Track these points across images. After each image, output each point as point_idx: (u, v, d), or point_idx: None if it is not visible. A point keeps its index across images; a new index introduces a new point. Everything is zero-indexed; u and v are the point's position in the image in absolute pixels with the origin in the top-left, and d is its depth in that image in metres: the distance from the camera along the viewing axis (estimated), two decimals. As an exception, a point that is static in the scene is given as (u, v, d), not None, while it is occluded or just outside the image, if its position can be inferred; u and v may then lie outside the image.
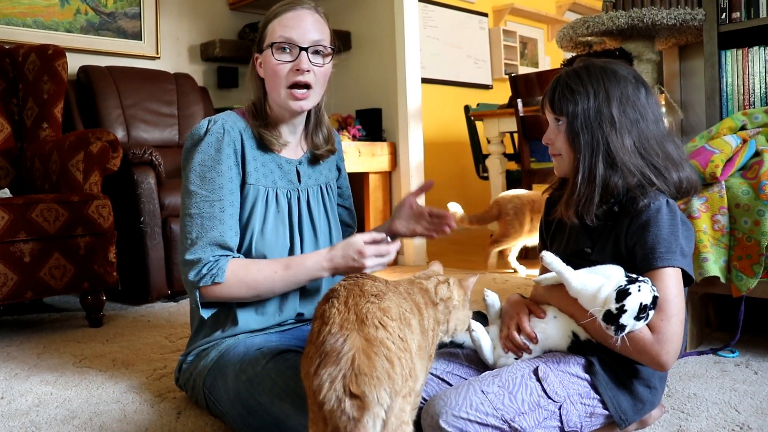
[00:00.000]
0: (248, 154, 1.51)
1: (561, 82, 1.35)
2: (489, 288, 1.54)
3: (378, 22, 3.93)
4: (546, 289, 1.35)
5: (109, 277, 2.49)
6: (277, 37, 1.48)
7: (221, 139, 1.47)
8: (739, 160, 1.82)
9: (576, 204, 1.31)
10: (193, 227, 1.44)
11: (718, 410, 1.48)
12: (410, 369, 0.95)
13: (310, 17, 1.51)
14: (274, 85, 1.50)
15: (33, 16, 3.43)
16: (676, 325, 1.22)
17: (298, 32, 1.48)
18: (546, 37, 7.44)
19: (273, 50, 1.48)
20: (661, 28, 2.76)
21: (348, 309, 0.97)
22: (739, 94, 2.45)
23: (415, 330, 1.04)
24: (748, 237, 1.73)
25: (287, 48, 1.48)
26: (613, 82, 1.32)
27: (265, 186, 1.53)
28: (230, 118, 1.53)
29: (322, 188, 1.66)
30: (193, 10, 4.08)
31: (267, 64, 1.51)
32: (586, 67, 1.35)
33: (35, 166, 2.79)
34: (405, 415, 0.93)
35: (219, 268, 1.42)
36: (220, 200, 1.45)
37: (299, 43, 1.47)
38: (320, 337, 0.95)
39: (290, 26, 1.48)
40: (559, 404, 1.22)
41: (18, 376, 1.92)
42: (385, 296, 1.03)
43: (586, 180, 1.30)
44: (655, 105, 1.36)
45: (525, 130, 3.73)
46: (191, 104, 3.65)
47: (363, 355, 0.90)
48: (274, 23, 1.50)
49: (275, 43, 1.48)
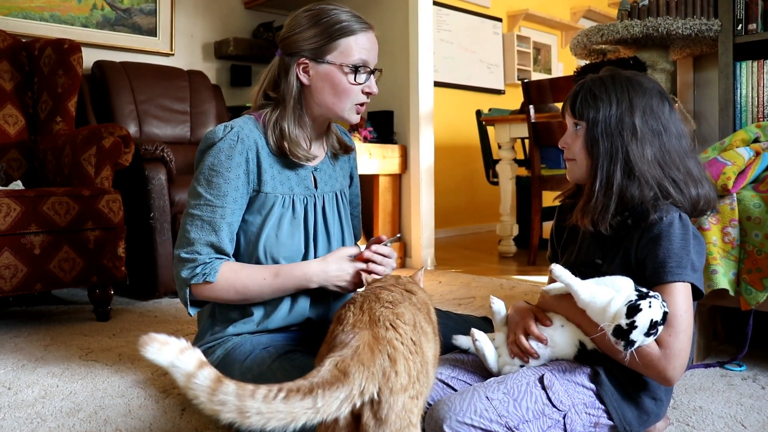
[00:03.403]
0: (264, 162, 1.51)
1: (585, 88, 1.35)
2: (495, 295, 1.54)
3: (392, 25, 3.94)
4: (554, 299, 1.35)
5: (118, 271, 2.50)
6: (356, 59, 1.48)
7: (234, 146, 1.47)
8: (752, 172, 1.81)
9: (592, 212, 1.31)
10: (192, 227, 1.46)
11: (724, 424, 1.47)
12: (419, 372, 0.96)
13: (376, 40, 1.55)
14: (339, 101, 1.51)
15: (50, 11, 3.46)
16: (684, 341, 1.21)
17: (372, 56, 1.52)
18: (560, 44, 7.42)
19: (347, 68, 1.49)
20: (676, 38, 2.74)
21: (362, 312, 1.01)
22: (753, 106, 2.43)
23: (430, 339, 1.07)
24: (758, 250, 1.72)
25: (361, 70, 1.50)
26: (638, 93, 1.32)
27: (282, 193, 1.53)
28: (246, 125, 1.51)
29: (337, 195, 1.66)
30: (207, 8, 4.10)
31: (334, 79, 1.49)
32: (612, 76, 1.35)
33: (48, 159, 2.81)
34: (413, 417, 0.94)
35: (212, 268, 1.44)
36: (222, 207, 1.45)
37: (372, 67, 1.53)
38: (333, 335, 0.99)
39: (368, 49, 1.51)
40: (564, 413, 1.22)
41: (25, 367, 1.93)
42: (401, 304, 1.06)
43: (603, 188, 1.30)
44: (678, 121, 1.35)
45: (536, 136, 3.72)
46: (204, 102, 3.66)
47: (367, 348, 0.92)
48: (351, 41, 1.48)
49: (356, 66, 1.49)
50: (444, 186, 5.29)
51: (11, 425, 1.50)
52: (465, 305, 2.77)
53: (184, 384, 0.81)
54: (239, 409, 0.80)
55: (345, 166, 1.72)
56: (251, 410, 0.80)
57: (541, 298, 1.40)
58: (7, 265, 2.23)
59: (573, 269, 1.27)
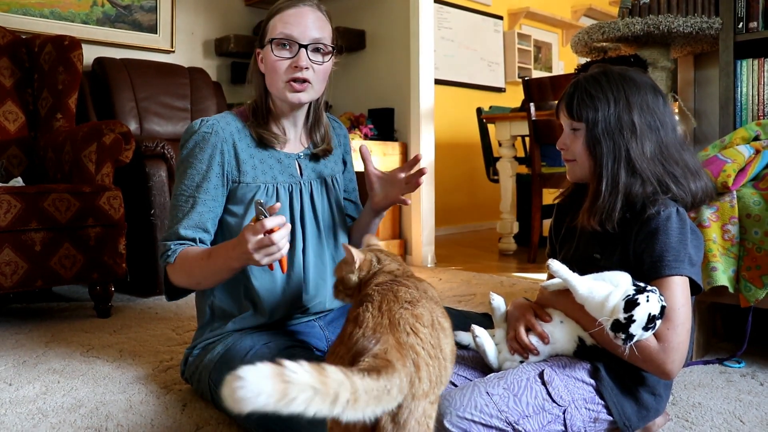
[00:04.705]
0: (243, 153, 1.54)
1: (580, 88, 1.34)
2: (496, 292, 1.54)
3: (393, 22, 3.94)
4: (553, 295, 1.35)
5: (118, 268, 2.51)
6: (277, 33, 1.49)
7: (207, 138, 1.51)
8: (752, 170, 1.81)
9: (600, 212, 1.30)
10: (170, 216, 1.54)
11: (723, 420, 1.48)
12: (438, 376, 0.96)
13: (311, 14, 1.51)
14: (273, 80, 1.52)
15: (50, 7, 3.46)
16: (682, 335, 1.22)
17: (299, 29, 1.49)
18: (560, 42, 7.42)
19: (273, 46, 1.50)
20: (676, 35, 2.74)
21: (382, 314, 0.99)
22: (753, 104, 2.44)
23: (448, 334, 1.06)
24: (758, 248, 1.72)
25: (287, 44, 1.49)
26: (633, 89, 1.32)
27: (264, 182, 1.55)
28: (224, 118, 1.56)
29: (327, 181, 1.66)
30: (208, 5, 4.10)
31: (267, 59, 1.52)
32: (604, 73, 1.35)
33: (48, 156, 2.81)
34: (430, 421, 0.93)
35: (174, 251, 1.50)
36: (193, 197, 1.51)
37: (299, 41, 1.49)
38: (353, 339, 0.96)
39: (291, 23, 1.49)
40: (564, 408, 1.22)
41: (26, 363, 1.94)
42: (419, 303, 1.04)
43: (609, 187, 1.30)
44: (671, 114, 1.36)
45: (537, 134, 3.72)
46: (204, 99, 3.66)
47: (394, 351, 0.90)
48: (276, 19, 1.51)
49: (275, 39, 1.49)
50: (444, 184, 5.29)
51: (12, 421, 1.50)
52: (465, 302, 2.77)
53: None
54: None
55: (336, 151, 1.73)
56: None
57: (539, 294, 1.40)
58: (8, 261, 2.24)
59: (571, 265, 1.27)
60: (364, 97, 4.12)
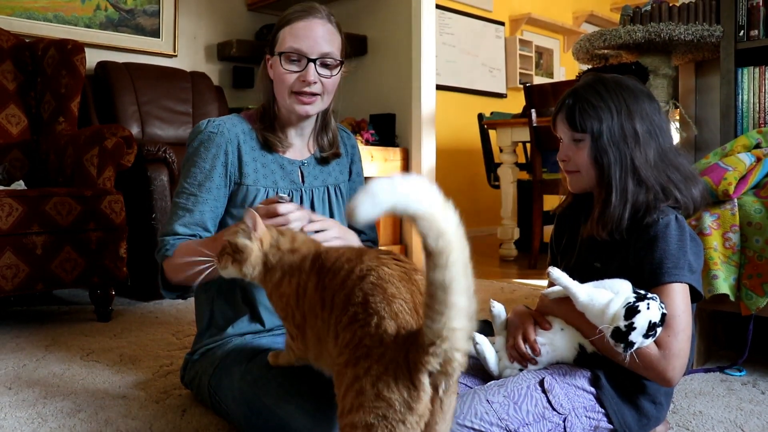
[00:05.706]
0: (246, 155, 1.54)
1: (580, 99, 1.33)
2: (496, 298, 1.54)
3: (395, 28, 3.94)
4: (553, 302, 1.35)
5: (119, 272, 2.51)
6: (286, 47, 1.49)
7: (212, 138, 1.52)
8: (753, 178, 1.82)
9: (611, 222, 1.30)
10: (171, 214, 1.55)
11: (724, 429, 1.47)
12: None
13: (321, 28, 1.51)
14: (281, 91, 1.53)
15: (54, 11, 3.47)
16: (682, 342, 1.22)
17: (308, 43, 1.49)
18: (562, 48, 7.43)
19: (282, 59, 1.50)
20: (678, 43, 2.74)
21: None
22: (754, 111, 2.44)
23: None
24: (759, 256, 1.72)
25: (296, 58, 1.50)
26: (631, 97, 1.32)
27: (264, 186, 1.55)
28: (231, 120, 1.57)
29: (330, 189, 1.66)
30: (211, 10, 4.11)
31: (276, 70, 1.53)
32: (601, 82, 1.34)
33: (50, 160, 2.81)
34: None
35: (172, 245, 1.50)
36: (195, 195, 1.52)
37: (308, 55, 1.49)
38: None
39: (300, 36, 1.49)
40: (564, 416, 1.22)
41: (26, 367, 1.93)
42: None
43: (619, 197, 1.30)
44: (665, 119, 1.37)
45: (538, 140, 3.73)
46: (206, 103, 3.67)
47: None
48: (285, 30, 1.52)
49: (284, 53, 1.49)
50: (445, 189, 5.16)
51: (12, 425, 1.50)
52: (465, 308, 2.76)
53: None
54: None
55: (343, 161, 1.72)
56: None
57: (540, 301, 1.40)
58: (9, 264, 2.24)
59: (572, 274, 1.27)
60: (365, 103, 4.13)
